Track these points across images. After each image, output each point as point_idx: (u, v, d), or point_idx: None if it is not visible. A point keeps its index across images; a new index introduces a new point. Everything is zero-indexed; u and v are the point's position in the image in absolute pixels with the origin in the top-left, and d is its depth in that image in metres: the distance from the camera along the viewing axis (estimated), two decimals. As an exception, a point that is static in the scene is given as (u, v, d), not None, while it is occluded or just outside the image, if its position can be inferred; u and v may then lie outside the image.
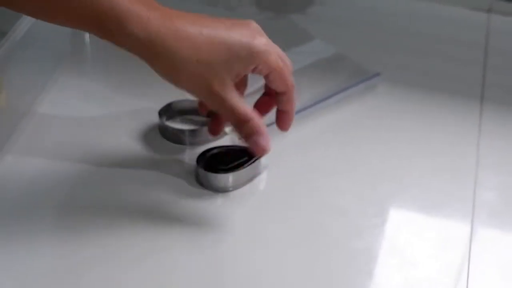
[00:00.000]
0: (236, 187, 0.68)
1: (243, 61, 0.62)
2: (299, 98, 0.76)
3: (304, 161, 0.72)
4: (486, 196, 0.69)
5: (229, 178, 0.67)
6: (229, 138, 0.73)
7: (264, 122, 0.68)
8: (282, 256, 0.62)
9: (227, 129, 0.73)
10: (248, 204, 0.67)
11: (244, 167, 0.68)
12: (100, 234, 0.63)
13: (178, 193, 0.67)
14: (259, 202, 0.67)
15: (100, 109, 0.76)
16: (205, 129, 0.72)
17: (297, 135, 0.74)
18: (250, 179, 0.69)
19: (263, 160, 0.69)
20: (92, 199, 0.66)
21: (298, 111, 0.75)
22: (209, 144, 0.72)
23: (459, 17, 0.92)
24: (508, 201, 0.69)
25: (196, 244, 0.63)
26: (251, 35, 0.63)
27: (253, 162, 0.68)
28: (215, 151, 0.69)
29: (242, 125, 0.64)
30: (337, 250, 0.63)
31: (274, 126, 0.70)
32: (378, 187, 0.69)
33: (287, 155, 0.71)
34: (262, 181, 0.69)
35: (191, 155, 0.70)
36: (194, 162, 0.68)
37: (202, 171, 0.67)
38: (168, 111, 0.74)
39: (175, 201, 0.66)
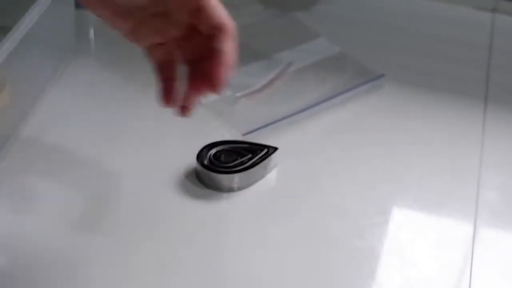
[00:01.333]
0: (241, 187, 0.68)
1: None
2: (302, 97, 0.76)
3: (306, 160, 0.71)
4: (489, 196, 0.69)
5: (235, 178, 0.67)
6: (229, 133, 0.73)
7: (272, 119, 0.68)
8: (283, 255, 0.62)
9: None
10: (249, 202, 0.67)
11: (253, 167, 0.67)
12: (100, 234, 0.63)
13: (181, 192, 0.67)
14: (260, 200, 0.67)
15: (103, 105, 0.76)
16: None
17: (300, 133, 0.74)
18: (259, 178, 0.69)
19: (273, 158, 0.69)
20: (93, 198, 0.66)
21: (302, 110, 0.75)
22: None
23: (464, 17, 0.92)
24: (511, 201, 0.69)
25: (197, 243, 0.63)
26: None
27: (262, 161, 0.68)
28: (217, 148, 0.68)
29: (225, 30, 0.52)
30: (338, 250, 0.63)
31: (275, 124, 0.70)
32: (380, 187, 0.69)
33: (290, 154, 0.71)
34: (264, 179, 0.69)
35: (194, 151, 0.70)
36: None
37: (204, 171, 0.67)
38: None
39: (178, 200, 0.67)
